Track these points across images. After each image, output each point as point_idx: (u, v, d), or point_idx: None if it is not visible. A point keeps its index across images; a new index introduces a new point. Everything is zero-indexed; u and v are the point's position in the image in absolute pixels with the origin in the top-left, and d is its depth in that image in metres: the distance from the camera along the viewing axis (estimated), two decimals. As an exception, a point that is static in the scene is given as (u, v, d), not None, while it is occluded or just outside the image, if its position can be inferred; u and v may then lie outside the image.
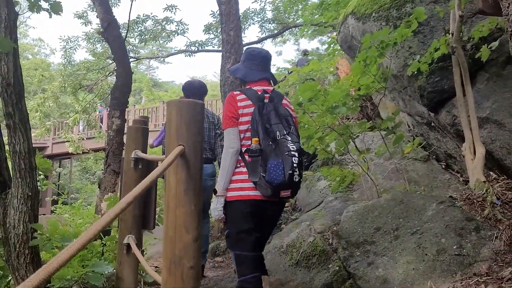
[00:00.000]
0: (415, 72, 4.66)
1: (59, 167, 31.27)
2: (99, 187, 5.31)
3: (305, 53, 11.35)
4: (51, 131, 20.97)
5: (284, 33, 21.43)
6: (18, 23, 3.28)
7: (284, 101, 3.12)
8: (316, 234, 4.44)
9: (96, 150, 17.89)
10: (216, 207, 2.94)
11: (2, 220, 3.03)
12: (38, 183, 3.89)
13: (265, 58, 3.20)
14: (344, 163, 6.61)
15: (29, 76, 29.55)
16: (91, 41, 12.66)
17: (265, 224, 3.00)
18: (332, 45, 10.08)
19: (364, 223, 4.28)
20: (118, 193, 4.77)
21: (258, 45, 12.20)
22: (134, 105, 26.73)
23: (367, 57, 4.20)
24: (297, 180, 2.80)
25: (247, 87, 3.13)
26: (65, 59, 12.76)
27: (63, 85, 12.08)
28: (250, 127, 2.92)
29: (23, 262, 3.02)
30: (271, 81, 3.21)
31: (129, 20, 6.41)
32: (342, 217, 4.56)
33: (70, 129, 14.80)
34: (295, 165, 2.77)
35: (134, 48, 12.79)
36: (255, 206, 2.87)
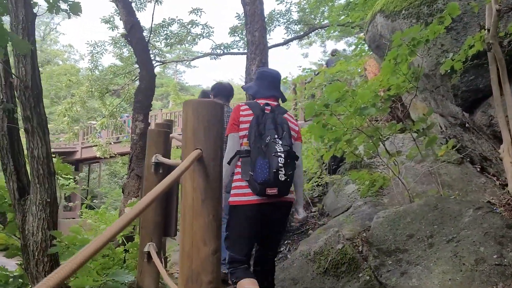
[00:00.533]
0: (448, 71, 4.44)
1: (88, 171, 31.65)
2: (122, 192, 5.23)
3: (333, 53, 11.15)
4: (80, 135, 21.21)
5: (310, 34, 21.23)
6: (48, 29, 3.21)
7: (285, 115, 3.41)
8: (345, 241, 4.25)
9: (123, 154, 17.98)
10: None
11: (21, 227, 2.95)
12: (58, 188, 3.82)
13: (275, 78, 3.55)
14: (374, 166, 6.39)
15: (59, 81, 29.98)
16: (118, 45, 12.70)
17: (266, 227, 3.24)
18: (359, 46, 9.86)
19: (395, 229, 4.07)
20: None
21: (284, 47, 12.05)
22: (161, 109, 26.81)
23: (397, 55, 4.00)
24: (283, 179, 3.00)
25: (256, 101, 3.44)
26: (92, 64, 12.83)
27: (90, 89, 12.14)
28: (247, 133, 3.23)
29: (42, 270, 2.94)
30: (279, 98, 3.55)
31: (152, 22, 6.36)
32: (373, 223, 4.36)
33: (98, 133, 14.90)
34: (280, 164, 2.99)
35: (160, 52, 12.77)
36: (254, 210, 3.12)
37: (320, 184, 6.50)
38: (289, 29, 12.12)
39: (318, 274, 4.07)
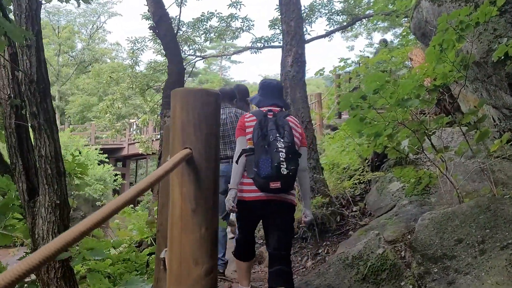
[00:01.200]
0: (502, 58, 4.00)
1: (136, 167, 32.12)
2: (151, 190, 5.06)
3: (382, 43, 10.63)
4: (127, 132, 21.43)
5: (355, 26, 20.64)
6: (95, 27, 3.01)
7: (288, 117, 3.64)
8: (386, 245, 3.89)
9: (167, 150, 17.97)
10: (228, 199, 3.50)
11: (31, 231, 2.78)
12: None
13: (275, 88, 3.87)
14: (420, 162, 5.97)
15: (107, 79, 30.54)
16: (158, 41, 12.61)
17: (272, 224, 3.56)
18: (406, 35, 9.36)
19: (443, 233, 3.69)
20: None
21: (326, 39, 11.64)
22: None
23: (443, 40, 3.60)
24: (285, 172, 3.27)
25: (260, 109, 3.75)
26: (132, 61, 12.81)
27: (131, 86, 12.13)
28: (251, 136, 3.52)
29: (53, 276, 2.75)
30: (282, 107, 3.77)
31: (180, 13, 6.15)
32: (417, 225, 3.98)
33: (140, 129, 14.93)
34: (282, 159, 3.28)
35: (201, 47, 12.61)
36: (258, 206, 3.49)
37: (362, 181, 6.13)
38: (331, 20, 11.68)
39: (356, 281, 3.74)
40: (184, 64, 13.11)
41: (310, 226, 5.43)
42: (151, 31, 4.89)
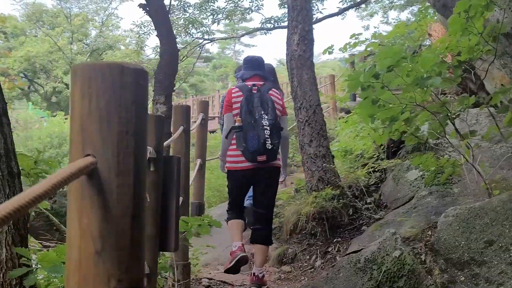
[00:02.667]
0: (538, 27, 3.44)
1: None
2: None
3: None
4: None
5: (371, 4, 19.86)
6: (106, 14, 2.52)
7: (271, 91, 4.13)
8: (403, 246, 3.38)
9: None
10: (220, 166, 4.60)
11: (-19, 242, 2.35)
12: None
13: (256, 61, 4.36)
14: (441, 148, 5.41)
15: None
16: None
17: (258, 187, 4.17)
18: (425, 10, 8.72)
19: (469, 233, 3.17)
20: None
21: (339, 17, 11.02)
22: (218, 90, 26.30)
23: (470, 6, 3.04)
24: (270, 147, 3.85)
25: (244, 83, 4.20)
26: (137, 45, 12.34)
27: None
28: (239, 112, 4.02)
29: (8, 295, 2.32)
30: (264, 77, 4.27)
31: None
32: (439, 223, 3.46)
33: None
34: (267, 136, 3.84)
35: (208, 30, 12.06)
36: (247, 174, 4.08)
37: (377, 169, 5.60)
38: (344, -3, 11.04)
39: (369, 289, 3.25)
40: (192, 48, 12.64)
41: (319, 221, 4.95)
42: (141, 8, 4.40)
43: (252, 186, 4.29)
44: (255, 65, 4.30)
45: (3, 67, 35.51)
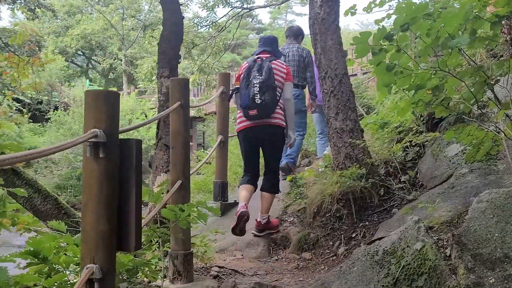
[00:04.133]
0: None
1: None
2: (149, 166, 4.31)
3: None
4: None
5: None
6: None
7: (272, 61, 4.55)
8: (426, 237, 2.87)
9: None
10: None
11: None
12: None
13: (267, 39, 4.88)
14: (487, 118, 4.77)
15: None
16: (203, -6, 11.66)
17: (261, 145, 4.65)
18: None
19: (505, 223, 2.64)
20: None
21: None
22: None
23: None
24: (259, 102, 4.31)
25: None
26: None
27: (175, 45, 11.36)
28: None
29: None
30: (271, 52, 4.71)
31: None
32: (470, 210, 2.94)
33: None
34: (255, 92, 4.31)
35: (250, -1, 11.49)
36: (246, 132, 4.56)
37: (414, 144, 5.02)
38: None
39: (384, 287, 2.79)
40: (230, 18, 12.14)
41: (346, 202, 4.48)
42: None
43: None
44: (265, 42, 4.81)
45: (61, 45, 36.42)
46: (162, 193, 3.27)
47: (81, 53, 41.42)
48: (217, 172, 5.55)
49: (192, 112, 13.60)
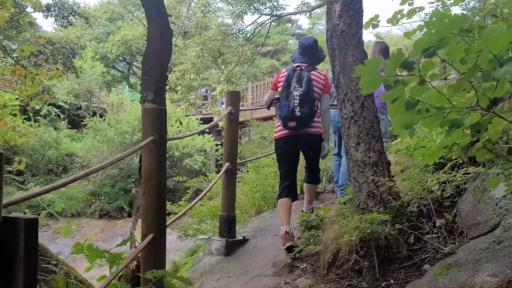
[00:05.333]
0: None
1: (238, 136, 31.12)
2: (130, 205, 3.68)
3: None
4: (219, 101, 20.35)
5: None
6: None
7: (312, 71, 4.73)
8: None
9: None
10: None
11: None
12: None
13: (307, 47, 4.89)
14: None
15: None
16: (229, 1, 11.07)
17: (296, 151, 4.86)
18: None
19: None
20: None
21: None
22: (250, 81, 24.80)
23: None
24: (298, 114, 4.49)
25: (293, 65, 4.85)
26: (198, 26, 11.43)
27: (200, 54, 10.82)
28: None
29: None
30: (310, 63, 4.83)
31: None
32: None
33: (216, 102, 13.67)
34: (296, 104, 4.49)
35: (276, 4, 10.84)
36: (285, 141, 4.73)
37: (450, 179, 4.19)
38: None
39: None
40: (257, 26, 11.45)
41: (367, 251, 3.72)
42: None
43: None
44: (305, 52, 4.85)
45: (102, 51, 36.68)
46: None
47: (122, 59, 41.70)
48: (223, 204, 4.87)
49: (220, 123, 13.00)
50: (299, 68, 4.67)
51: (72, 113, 27.39)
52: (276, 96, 4.70)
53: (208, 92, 23.74)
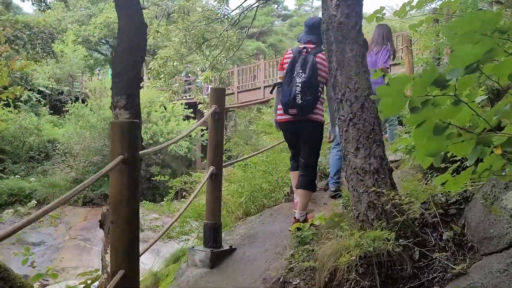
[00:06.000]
0: None
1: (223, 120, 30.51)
2: (101, 227, 3.26)
3: None
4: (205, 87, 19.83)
5: None
6: None
7: (318, 54, 4.49)
8: None
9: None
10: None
11: None
12: None
13: (313, 25, 4.67)
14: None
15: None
16: (214, -17, 10.51)
17: (299, 138, 4.67)
18: None
19: None
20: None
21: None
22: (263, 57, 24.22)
23: None
24: (299, 102, 4.35)
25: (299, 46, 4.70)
26: (181, 10, 10.86)
27: (184, 40, 10.29)
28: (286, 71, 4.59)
29: None
30: (316, 42, 4.62)
31: None
32: None
33: (200, 90, 13.16)
34: (297, 91, 4.35)
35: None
36: (286, 125, 4.67)
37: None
38: None
39: None
40: (243, 11, 10.90)
41: (368, 268, 3.35)
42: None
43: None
44: (311, 29, 4.66)
45: (84, 34, 35.67)
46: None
47: (105, 42, 40.73)
48: (208, 211, 4.46)
49: (205, 111, 12.52)
50: (305, 50, 4.52)
51: (53, 99, 26.85)
52: (278, 81, 4.64)
53: (190, 76, 23.23)
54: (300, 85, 4.32)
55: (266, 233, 4.65)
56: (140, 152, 2.63)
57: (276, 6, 48.83)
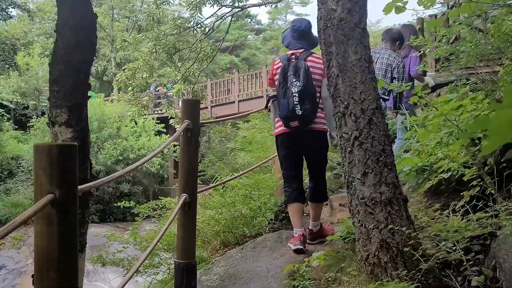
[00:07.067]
0: None
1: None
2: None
3: None
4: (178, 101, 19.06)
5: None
6: None
7: (309, 57, 4.23)
8: None
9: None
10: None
11: None
12: None
13: (303, 31, 4.33)
14: None
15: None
16: (187, -9, 9.83)
17: (304, 152, 4.34)
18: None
19: None
20: None
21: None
22: (266, 65, 23.66)
23: None
24: (300, 113, 4.05)
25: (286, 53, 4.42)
26: (150, 17, 10.15)
27: (154, 50, 9.56)
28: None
29: None
30: (308, 47, 4.34)
31: None
32: None
33: (172, 103, 12.40)
34: (295, 102, 4.04)
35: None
36: (286, 137, 4.28)
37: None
38: None
39: None
40: (219, 18, 10.23)
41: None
42: None
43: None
44: (301, 35, 4.34)
45: (52, 47, 34.64)
46: None
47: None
48: (180, 248, 3.67)
49: (177, 127, 11.74)
50: (293, 56, 4.24)
51: (18, 113, 25.87)
52: (272, 94, 4.39)
53: (158, 90, 22.54)
54: (296, 94, 4.04)
55: (249, 273, 3.90)
56: (84, 185, 1.89)
57: (249, 20, 48.45)
